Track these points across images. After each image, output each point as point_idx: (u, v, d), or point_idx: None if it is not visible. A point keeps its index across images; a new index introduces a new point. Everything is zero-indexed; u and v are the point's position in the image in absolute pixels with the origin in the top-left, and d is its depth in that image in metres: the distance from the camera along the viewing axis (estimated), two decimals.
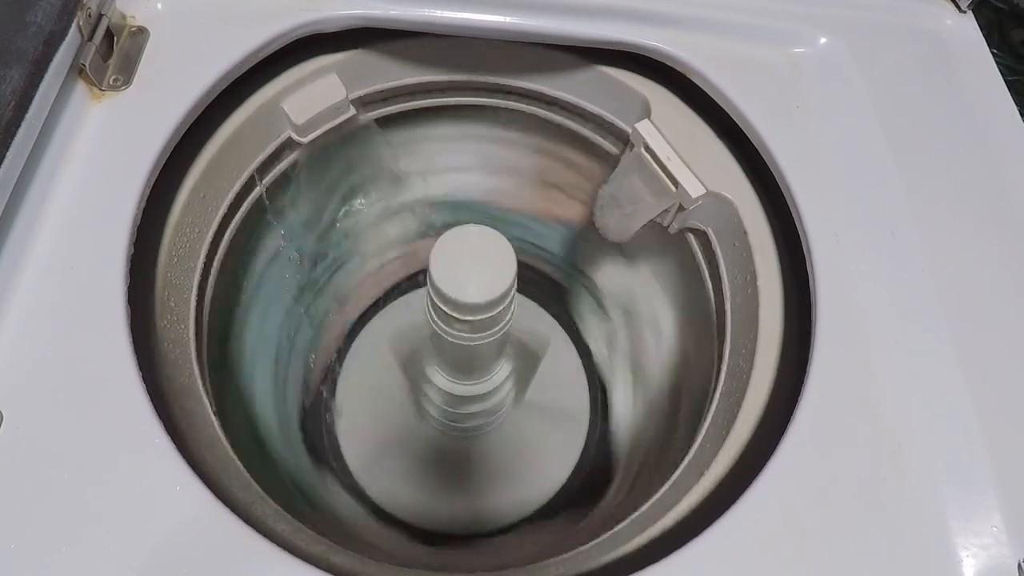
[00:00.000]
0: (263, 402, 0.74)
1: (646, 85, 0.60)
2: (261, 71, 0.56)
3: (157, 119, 0.48)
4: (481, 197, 0.87)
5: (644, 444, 0.79)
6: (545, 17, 0.56)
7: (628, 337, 0.86)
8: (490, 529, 0.85)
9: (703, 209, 0.56)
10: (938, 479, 0.42)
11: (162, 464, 0.38)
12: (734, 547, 0.39)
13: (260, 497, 0.45)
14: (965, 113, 0.56)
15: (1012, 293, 0.48)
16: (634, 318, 0.84)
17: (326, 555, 0.42)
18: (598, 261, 0.88)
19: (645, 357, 0.82)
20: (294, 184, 0.68)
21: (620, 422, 0.90)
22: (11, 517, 0.36)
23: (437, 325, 0.57)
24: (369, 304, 0.98)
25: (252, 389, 0.72)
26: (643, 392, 0.83)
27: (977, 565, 0.39)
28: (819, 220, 0.49)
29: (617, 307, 0.88)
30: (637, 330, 0.83)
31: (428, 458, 0.88)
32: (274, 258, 0.75)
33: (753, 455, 0.45)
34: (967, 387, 0.45)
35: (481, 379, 0.71)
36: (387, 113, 0.69)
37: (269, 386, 0.77)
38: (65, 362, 0.40)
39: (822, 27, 0.58)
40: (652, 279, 0.80)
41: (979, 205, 0.52)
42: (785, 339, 0.51)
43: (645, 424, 0.81)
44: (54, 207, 0.45)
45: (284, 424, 0.78)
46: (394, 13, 0.55)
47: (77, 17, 0.47)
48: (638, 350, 0.84)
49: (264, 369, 0.76)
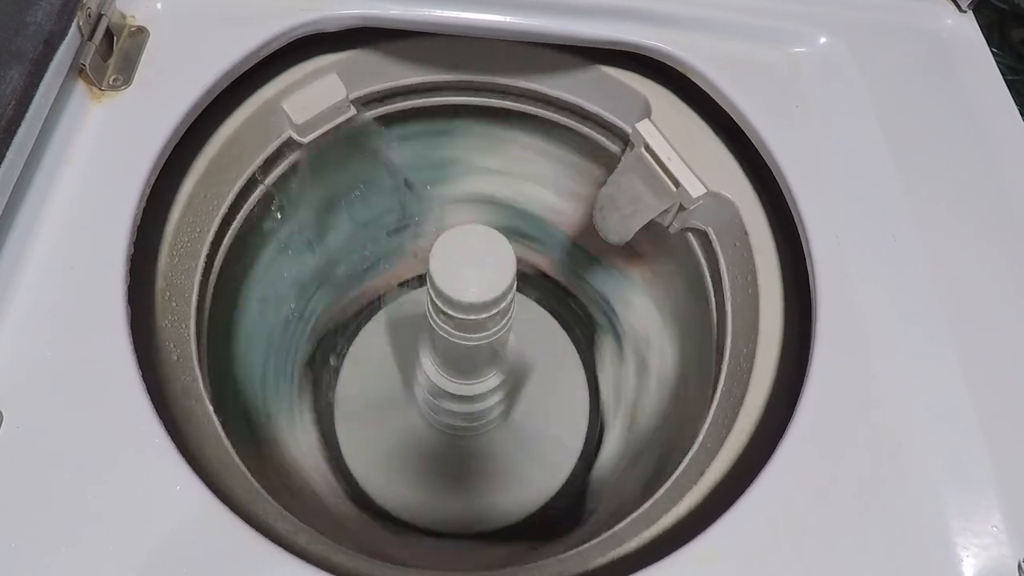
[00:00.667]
0: (263, 401, 0.74)
1: (646, 85, 0.60)
2: (261, 71, 0.56)
3: (157, 119, 0.48)
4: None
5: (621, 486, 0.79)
6: (545, 17, 0.56)
7: (635, 388, 0.86)
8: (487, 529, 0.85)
9: (704, 209, 0.56)
10: (938, 479, 0.42)
11: (162, 464, 0.38)
12: (734, 547, 0.39)
13: (260, 496, 0.45)
14: (965, 113, 0.56)
15: (1012, 293, 0.48)
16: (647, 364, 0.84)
17: (326, 555, 0.42)
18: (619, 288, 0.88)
19: (642, 410, 0.82)
20: (294, 184, 0.68)
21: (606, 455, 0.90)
22: (11, 517, 0.36)
23: (437, 324, 0.57)
24: (369, 304, 0.98)
25: (252, 389, 0.72)
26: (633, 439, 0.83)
27: (977, 565, 0.39)
28: (819, 220, 0.49)
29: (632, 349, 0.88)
30: (645, 382, 0.83)
31: (428, 458, 0.88)
32: (274, 258, 0.75)
33: (753, 455, 0.45)
34: (967, 387, 0.45)
35: (481, 379, 0.71)
36: (387, 112, 0.69)
37: (269, 385, 0.77)
38: (65, 362, 0.40)
39: (822, 27, 0.58)
40: (655, 303, 0.80)
41: (979, 205, 0.52)
42: (785, 339, 0.51)
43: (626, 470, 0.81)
44: (54, 207, 0.45)
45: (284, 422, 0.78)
46: (394, 13, 0.55)
47: (77, 17, 0.47)
48: (641, 401, 0.84)
49: (264, 369, 0.76)
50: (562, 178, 0.81)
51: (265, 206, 0.66)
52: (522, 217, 0.89)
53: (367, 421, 0.91)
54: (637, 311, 0.86)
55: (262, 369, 0.76)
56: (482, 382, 0.71)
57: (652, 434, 0.77)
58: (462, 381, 0.71)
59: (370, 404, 0.92)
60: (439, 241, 0.53)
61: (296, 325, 0.84)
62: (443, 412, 0.79)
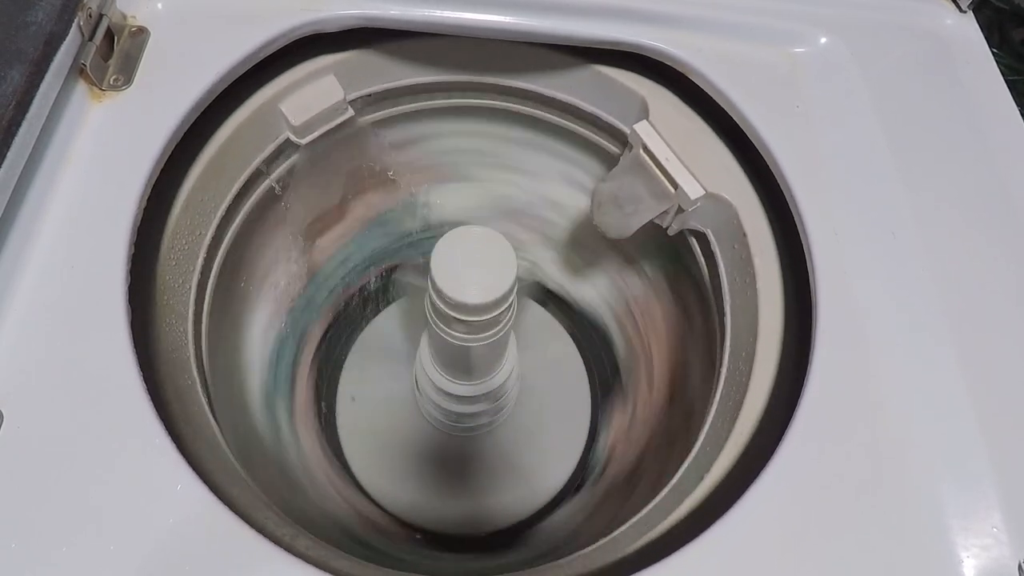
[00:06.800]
0: (263, 401, 0.74)
1: (644, 85, 0.60)
2: (261, 71, 0.56)
3: (157, 119, 0.48)
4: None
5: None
6: (545, 17, 0.56)
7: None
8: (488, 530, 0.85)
9: (702, 211, 0.56)
10: (938, 479, 0.42)
11: (162, 464, 0.38)
12: (734, 547, 0.39)
13: (259, 497, 0.45)
14: (965, 113, 0.56)
15: (1013, 293, 0.48)
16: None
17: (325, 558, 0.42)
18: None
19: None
20: (294, 184, 0.68)
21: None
22: (11, 517, 0.36)
23: (437, 325, 0.57)
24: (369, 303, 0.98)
25: (252, 388, 0.72)
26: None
27: (977, 565, 0.39)
28: (819, 220, 0.49)
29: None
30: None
31: (430, 458, 0.88)
32: (274, 258, 0.75)
33: (753, 456, 0.45)
34: (967, 387, 0.44)
35: (481, 379, 0.71)
36: (386, 115, 0.69)
37: (269, 385, 0.77)
38: (65, 362, 0.40)
39: (822, 27, 0.58)
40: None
41: (979, 205, 0.52)
42: (785, 340, 0.51)
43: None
44: (54, 207, 0.45)
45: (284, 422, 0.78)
46: (394, 13, 0.55)
47: (78, 17, 0.47)
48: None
49: (264, 369, 0.76)
50: (562, 178, 0.81)
51: (265, 206, 0.66)
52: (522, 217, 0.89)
53: (368, 421, 0.91)
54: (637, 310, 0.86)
55: (262, 369, 0.76)
56: (496, 376, 0.71)
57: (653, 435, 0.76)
58: (478, 381, 0.71)
59: (371, 403, 0.92)
60: (440, 242, 0.54)
61: (297, 325, 0.84)
62: (444, 412, 0.79)
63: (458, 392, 0.72)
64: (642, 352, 0.85)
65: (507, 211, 0.88)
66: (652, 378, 0.81)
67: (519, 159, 0.81)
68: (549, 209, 0.86)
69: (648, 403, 0.81)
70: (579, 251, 0.90)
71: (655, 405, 0.79)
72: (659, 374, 0.79)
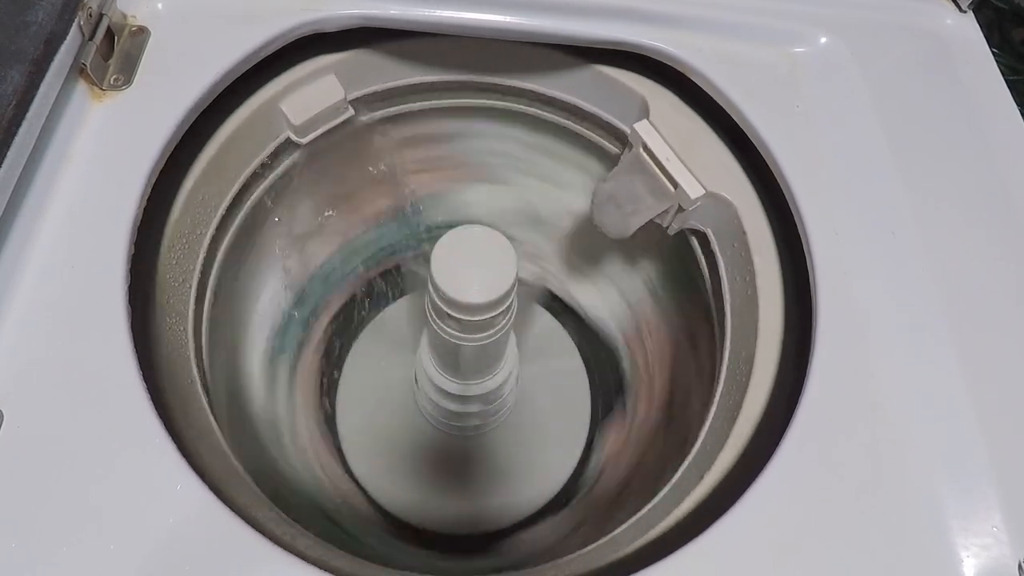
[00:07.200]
0: (263, 401, 0.74)
1: (644, 84, 0.60)
2: (261, 71, 0.56)
3: (158, 119, 0.48)
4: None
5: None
6: (545, 17, 0.56)
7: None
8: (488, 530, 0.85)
9: (702, 210, 0.56)
10: (938, 479, 0.42)
11: (162, 463, 0.38)
12: (734, 547, 0.39)
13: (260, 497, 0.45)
14: (965, 113, 0.56)
15: (1013, 293, 0.48)
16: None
17: (325, 557, 0.42)
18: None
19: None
20: (294, 184, 0.68)
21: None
22: (11, 517, 0.36)
23: (437, 325, 0.57)
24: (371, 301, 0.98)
25: (252, 388, 0.72)
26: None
27: (977, 565, 0.39)
28: (819, 220, 0.49)
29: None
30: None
31: (430, 458, 0.88)
32: (274, 258, 0.75)
33: (753, 455, 0.45)
34: (967, 387, 0.44)
35: (481, 379, 0.71)
36: (387, 114, 0.69)
37: (269, 385, 0.77)
38: (65, 362, 0.40)
39: (822, 27, 0.58)
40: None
41: (979, 205, 0.52)
42: (785, 339, 0.51)
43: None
44: (55, 207, 0.45)
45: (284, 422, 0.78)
46: (394, 13, 0.55)
47: (78, 17, 0.47)
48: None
49: (264, 368, 0.76)
50: (562, 178, 0.81)
51: (264, 207, 0.66)
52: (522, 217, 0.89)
53: (368, 420, 0.91)
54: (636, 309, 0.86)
55: (262, 369, 0.76)
56: (496, 375, 0.71)
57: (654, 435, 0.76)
58: (462, 381, 0.71)
59: (372, 403, 0.92)
60: (440, 241, 0.53)
61: (296, 325, 0.84)
62: (444, 412, 0.78)
63: (455, 391, 0.72)
64: (646, 375, 0.84)
65: (513, 210, 0.88)
66: (652, 399, 0.81)
67: (519, 159, 0.81)
68: (549, 208, 0.86)
69: (645, 423, 0.81)
70: (578, 250, 0.90)
71: (650, 425, 0.78)
72: (659, 396, 0.79)
